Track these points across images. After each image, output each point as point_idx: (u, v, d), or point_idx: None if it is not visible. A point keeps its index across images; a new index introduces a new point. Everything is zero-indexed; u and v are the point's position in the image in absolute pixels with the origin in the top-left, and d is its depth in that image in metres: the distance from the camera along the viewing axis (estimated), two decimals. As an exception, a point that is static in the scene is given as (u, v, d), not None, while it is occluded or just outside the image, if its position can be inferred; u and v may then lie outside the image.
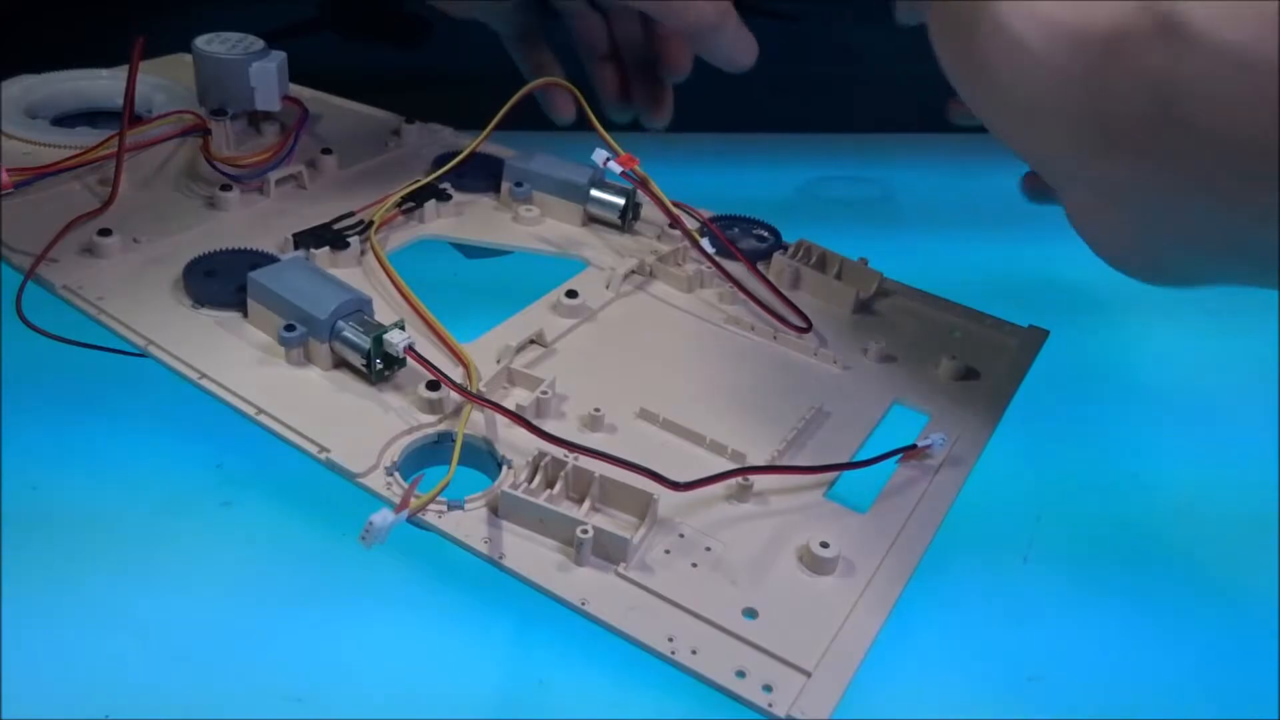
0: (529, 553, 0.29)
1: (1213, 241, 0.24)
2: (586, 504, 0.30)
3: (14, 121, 0.49)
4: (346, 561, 0.32)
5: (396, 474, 0.31)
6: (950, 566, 0.32)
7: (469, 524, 0.30)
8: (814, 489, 0.32)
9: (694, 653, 0.27)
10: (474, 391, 0.33)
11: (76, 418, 0.37)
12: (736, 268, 0.41)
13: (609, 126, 0.43)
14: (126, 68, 0.47)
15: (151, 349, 0.36)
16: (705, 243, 0.41)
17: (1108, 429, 0.40)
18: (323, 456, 0.31)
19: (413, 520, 0.29)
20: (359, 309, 0.35)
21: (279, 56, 0.49)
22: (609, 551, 0.29)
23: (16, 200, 0.43)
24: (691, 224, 0.43)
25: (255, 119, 0.51)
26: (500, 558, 0.29)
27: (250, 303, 0.37)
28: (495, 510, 0.30)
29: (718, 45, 0.43)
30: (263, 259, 0.39)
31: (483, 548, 0.29)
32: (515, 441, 0.32)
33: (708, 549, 0.30)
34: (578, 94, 0.43)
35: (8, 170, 0.43)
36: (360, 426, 0.33)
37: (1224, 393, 0.42)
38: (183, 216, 0.44)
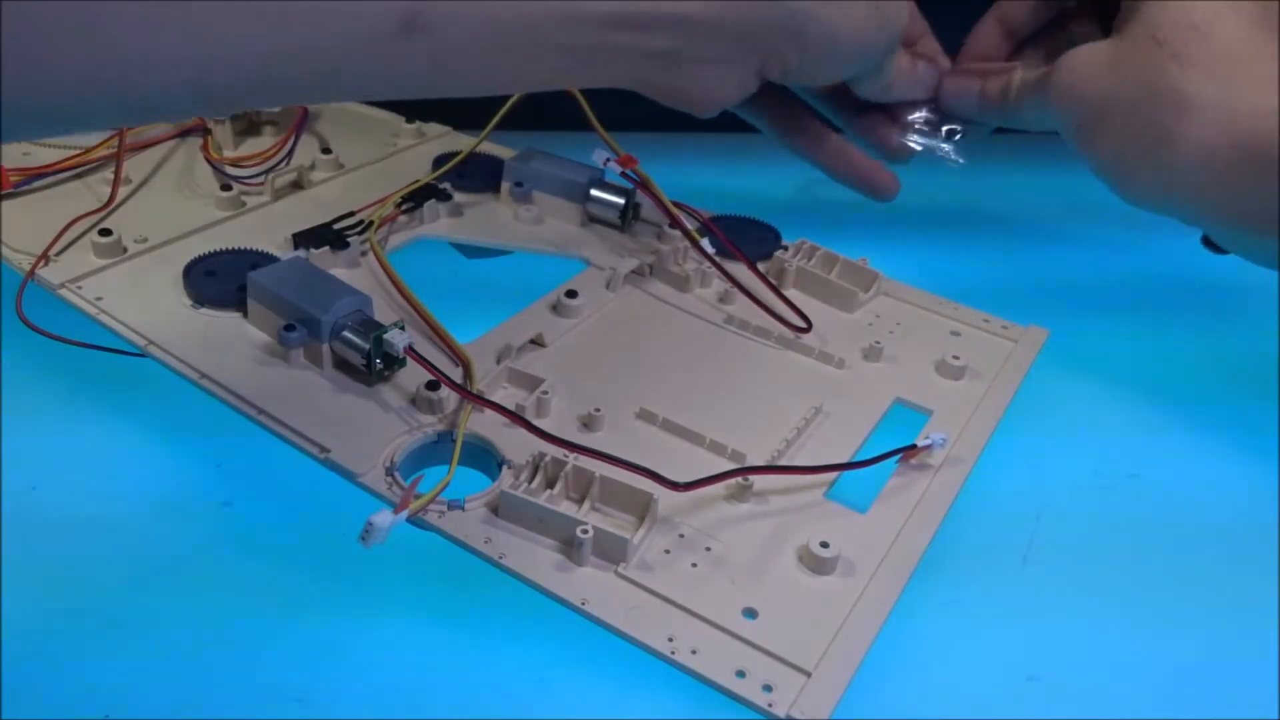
0: (529, 553, 0.29)
1: None
2: (586, 504, 0.30)
3: (14, 121, 0.49)
4: (346, 561, 0.31)
5: (396, 474, 0.31)
6: (950, 566, 0.32)
7: (469, 524, 0.30)
8: (814, 489, 0.32)
9: (694, 653, 0.27)
10: (474, 391, 0.33)
11: (76, 418, 0.37)
12: (736, 268, 0.41)
13: (610, 128, 0.43)
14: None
15: (151, 349, 0.36)
16: (705, 243, 0.41)
17: (1108, 429, 0.40)
18: (323, 456, 0.31)
19: (413, 520, 0.29)
20: (359, 309, 0.35)
21: (279, 56, 0.48)
22: (609, 551, 0.29)
23: (16, 200, 0.43)
24: (691, 224, 0.43)
25: (255, 119, 0.51)
26: (500, 558, 0.29)
27: (250, 303, 0.37)
28: (495, 510, 0.30)
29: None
30: (263, 259, 0.39)
31: (483, 548, 0.29)
32: (515, 441, 0.32)
33: (708, 549, 0.30)
34: (577, 93, 0.43)
35: (8, 170, 0.43)
36: (360, 426, 0.33)
37: (1224, 393, 0.42)
38: (182, 216, 0.44)
